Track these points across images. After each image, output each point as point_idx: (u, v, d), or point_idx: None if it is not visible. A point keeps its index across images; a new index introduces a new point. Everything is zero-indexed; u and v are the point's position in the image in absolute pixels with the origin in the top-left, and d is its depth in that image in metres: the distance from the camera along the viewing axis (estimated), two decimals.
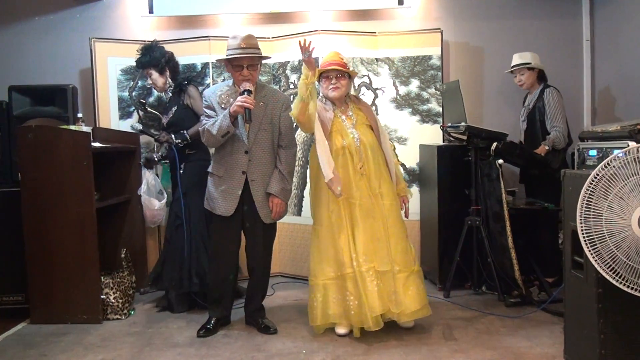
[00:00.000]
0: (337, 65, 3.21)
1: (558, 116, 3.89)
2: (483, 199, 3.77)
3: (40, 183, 3.44)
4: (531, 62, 4.01)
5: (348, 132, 3.19)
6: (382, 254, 3.11)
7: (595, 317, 2.39)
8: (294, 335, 3.19)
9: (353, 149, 3.16)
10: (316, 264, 3.18)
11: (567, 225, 2.61)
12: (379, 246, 3.11)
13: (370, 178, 3.17)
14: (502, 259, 3.60)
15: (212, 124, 3.09)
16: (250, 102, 3.02)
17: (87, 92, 4.47)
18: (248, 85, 3.08)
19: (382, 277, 3.08)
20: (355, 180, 3.15)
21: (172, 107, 3.75)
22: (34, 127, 3.48)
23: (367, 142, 3.19)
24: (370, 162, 3.18)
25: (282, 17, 4.69)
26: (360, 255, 3.09)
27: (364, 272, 3.06)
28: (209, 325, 3.25)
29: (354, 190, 3.14)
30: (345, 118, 3.24)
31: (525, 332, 3.13)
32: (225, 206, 3.16)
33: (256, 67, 3.17)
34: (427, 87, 4.41)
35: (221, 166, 3.20)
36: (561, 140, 3.87)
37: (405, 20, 4.67)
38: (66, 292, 3.45)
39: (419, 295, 3.15)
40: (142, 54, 3.77)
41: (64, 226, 3.44)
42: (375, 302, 3.02)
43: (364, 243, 3.10)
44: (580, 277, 2.50)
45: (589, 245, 2.21)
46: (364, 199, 3.13)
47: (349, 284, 3.08)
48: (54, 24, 4.68)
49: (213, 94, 3.22)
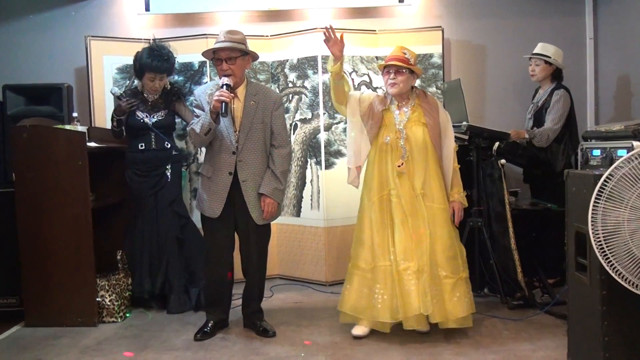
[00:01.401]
0: (396, 60, 3.11)
1: (554, 115, 3.86)
2: (485, 200, 3.77)
3: (35, 183, 3.44)
4: (551, 56, 3.98)
5: (395, 128, 3.14)
6: (421, 256, 3.04)
7: (599, 319, 2.38)
8: (293, 338, 3.19)
9: (395, 146, 3.12)
10: (353, 251, 3.23)
11: (570, 226, 2.61)
12: (419, 247, 3.05)
13: (413, 177, 3.11)
14: (505, 260, 3.60)
15: (196, 123, 3.11)
16: (227, 95, 3.00)
17: (82, 91, 4.48)
18: (227, 79, 3.07)
19: (419, 278, 3.02)
20: (393, 178, 3.11)
21: (161, 110, 3.79)
22: (28, 126, 3.48)
23: (415, 140, 3.11)
24: (415, 161, 3.11)
25: (280, 15, 4.69)
26: (399, 254, 3.06)
27: (402, 271, 3.04)
28: (206, 329, 3.25)
29: (392, 188, 3.11)
30: (398, 113, 3.18)
31: (528, 335, 3.13)
32: (213, 207, 3.16)
33: (235, 62, 3.12)
34: (428, 86, 4.42)
35: (210, 167, 3.20)
36: (542, 139, 3.85)
37: (405, 18, 4.68)
38: (61, 295, 3.45)
39: (466, 303, 3.08)
40: (163, 59, 3.71)
41: (59, 227, 3.44)
42: (415, 301, 2.98)
43: (403, 242, 3.07)
44: (584, 279, 2.50)
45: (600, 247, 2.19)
46: (404, 198, 3.08)
47: (381, 277, 3.07)
48: (49, 21, 4.68)
49: (203, 93, 3.21)
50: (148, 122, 3.75)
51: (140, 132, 3.74)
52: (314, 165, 4.33)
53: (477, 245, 3.81)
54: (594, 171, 2.43)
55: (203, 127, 3.06)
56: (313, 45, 4.29)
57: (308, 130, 4.34)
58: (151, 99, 3.80)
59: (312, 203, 4.32)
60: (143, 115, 3.75)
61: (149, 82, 3.74)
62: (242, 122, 3.15)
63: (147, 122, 3.75)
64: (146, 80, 3.75)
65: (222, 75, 3.11)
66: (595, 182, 2.22)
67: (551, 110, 3.90)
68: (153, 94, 3.80)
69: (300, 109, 4.38)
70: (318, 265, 4.29)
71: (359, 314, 3.14)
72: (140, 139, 3.74)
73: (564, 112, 3.90)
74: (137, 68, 3.75)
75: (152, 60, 3.68)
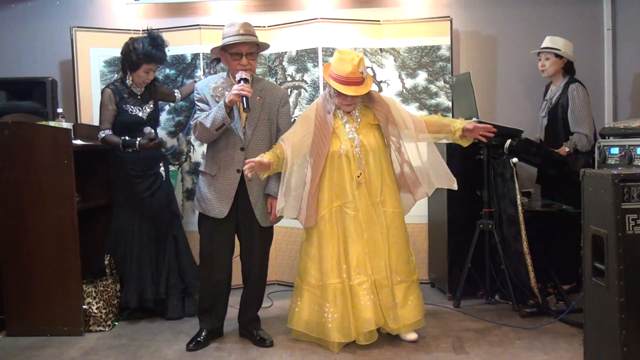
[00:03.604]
0: (355, 87, 3.07)
1: (584, 118, 3.86)
2: (496, 201, 3.77)
3: (17, 184, 3.44)
4: (561, 49, 3.98)
5: (348, 137, 3.16)
6: (380, 268, 3.12)
7: (617, 328, 2.38)
8: (292, 348, 3.19)
9: (351, 155, 3.14)
10: (301, 265, 3.26)
11: (586, 229, 2.61)
12: (377, 259, 3.13)
13: (370, 186, 3.16)
14: (517, 265, 3.60)
15: (205, 117, 3.09)
16: (248, 90, 3.02)
17: (67, 85, 4.48)
18: (245, 74, 3.08)
19: (379, 291, 3.11)
20: (351, 189, 3.13)
21: (149, 101, 3.81)
22: (10, 123, 3.48)
23: (369, 145, 3.16)
24: (371, 167, 3.16)
25: (278, 4, 4.69)
26: (353, 269, 3.10)
27: (356, 286, 3.09)
28: (199, 338, 3.24)
29: (350, 201, 3.13)
30: (347, 120, 3.20)
31: (542, 345, 3.13)
32: (220, 207, 3.16)
33: (254, 57, 3.18)
34: (436, 80, 4.41)
35: (214, 164, 3.20)
36: (585, 144, 3.85)
37: (411, 8, 4.68)
38: (45, 302, 3.44)
39: (419, 305, 3.23)
40: (157, 47, 3.68)
41: (43, 230, 3.44)
42: (370, 316, 3.06)
43: (358, 256, 3.11)
44: (601, 285, 2.50)
45: None
46: (362, 209, 3.12)
47: (330, 295, 3.10)
48: (32, 11, 4.68)
49: (206, 87, 3.22)
50: (142, 116, 3.75)
51: (134, 128, 3.71)
52: None
53: (487, 249, 3.81)
54: (612, 170, 2.44)
55: (215, 121, 3.05)
56: (313, 37, 4.29)
57: None
58: (139, 92, 3.79)
59: None
60: (136, 109, 3.75)
61: (144, 73, 3.72)
62: (248, 118, 3.16)
63: (140, 116, 3.74)
64: (141, 72, 3.71)
65: (240, 71, 3.10)
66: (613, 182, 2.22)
67: (576, 113, 3.87)
68: (140, 87, 3.80)
69: (300, 104, 4.38)
70: None
71: (311, 331, 3.19)
72: (136, 136, 3.67)
73: (588, 108, 3.89)
74: (133, 59, 3.66)
75: (155, 49, 3.67)
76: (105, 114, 3.69)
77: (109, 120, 3.69)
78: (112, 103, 3.69)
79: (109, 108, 3.68)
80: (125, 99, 3.72)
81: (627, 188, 2.37)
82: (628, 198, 2.36)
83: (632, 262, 2.37)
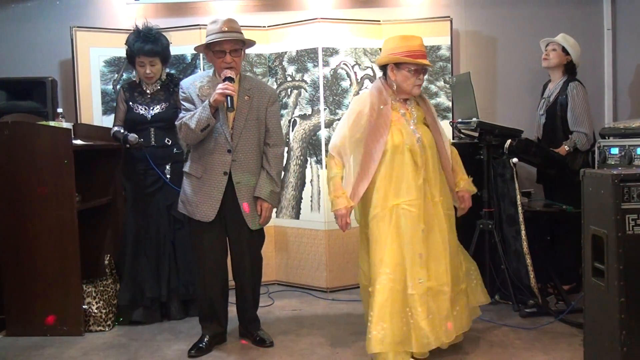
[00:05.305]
0: (424, 58, 2.92)
1: (584, 117, 3.86)
2: (496, 201, 3.77)
3: (17, 184, 3.44)
4: (570, 47, 3.98)
5: (410, 130, 2.94)
6: (438, 273, 2.88)
7: (617, 328, 2.38)
8: (292, 349, 3.19)
9: (416, 150, 2.90)
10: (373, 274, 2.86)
11: (586, 229, 2.62)
12: (435, 264, 2.88)
13: (430, 184, 2.94)
14: (517, 265, 3.60)
15: (190, 117, 3.03)
16: (233, 89, 2.97)
17: (67, 85, 4.48)
18: (229, 72, 3.04)
19: (435, 299, 2.85)
20: (417, 187, 2.87)
21: (162, 102, 3.75)
22: (10, 123, 3.48)
23: (428, 143, 2.96)
24: (430, 166, 2.95)
25: (278, 4, 4.69)
26: (409, 274, 2.82)
27: (415, 295, 2.81)
28: (201, 344, 3.17)
29: (414, 198, 2.86)
30: (404, 112, 3.00)
31: (542, 345, 3.13)
32: (206, 210, 3.09)
33: (239, 54, 3.12)
34: (436, 80, 4.42)
35: (200, 166, 3.13)
36: (585, 143, 3.86)
37: (411, 8, 4.68)
38: (45, 302, 3.45)
39: (466, 313, 3.05)
40: (150, 40, 3.67)
41: (43, 230, 3.44)
42: (428, 330, 2.79)
43: (413, 259, 2.83)
44: (601, 286, 2.50)
45: None
46: (425, 209, 2.89)
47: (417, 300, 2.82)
48: (32, 11, 4.68)
49: (192, 85, 3.16)
50: (147, 115, 3.73)
51: (138, 127, 3.70)
52: (314, 164, 4.33)
53: (487, 249, 3.81)
54: (612, 170, 2.44)
55: (200, 122, 2.99)
56: (313, 37, 4.29)
57: (308, 127, 4.35)
58: (150, 90, 3.78)
59: (312, 204, 4.32)
60: (142, 108, 3.74)
61: (140, 68, 3.72)
62: (235, 119, 3.12)
63: (145, 115, 3.72)
64: (137, 68, 3.74)
65: (224, 69, 3.06)
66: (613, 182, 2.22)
67: (576, 112, 3.88)
68: (152, 85, 3.78)
69: (300, 105, 4.38)
70: (318, 271, 4.29)
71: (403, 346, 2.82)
72: (139, 135, 3.66)
73: (587, 107, 3.90)
74: (128, 55, 3.75)
75: (140, 42, 3.66)
76: (117, 111, 3.82)
77: (120, 118, 3.79)
78: (122, 101, 3.77)
79: (120, 106, 3.80)
80: (134, 97, 3.75)
81: (627, 188, 2.37)
82: (628, 198, 2.37)
83: (632, 262, 2.37)
